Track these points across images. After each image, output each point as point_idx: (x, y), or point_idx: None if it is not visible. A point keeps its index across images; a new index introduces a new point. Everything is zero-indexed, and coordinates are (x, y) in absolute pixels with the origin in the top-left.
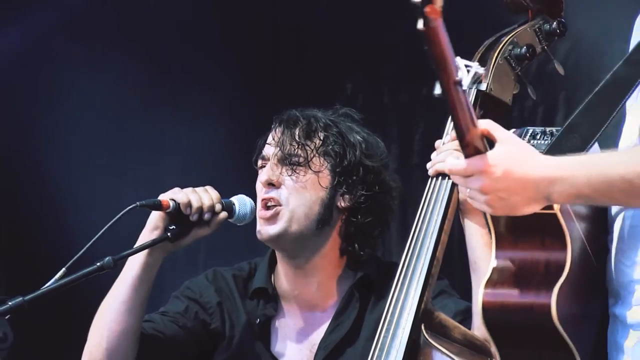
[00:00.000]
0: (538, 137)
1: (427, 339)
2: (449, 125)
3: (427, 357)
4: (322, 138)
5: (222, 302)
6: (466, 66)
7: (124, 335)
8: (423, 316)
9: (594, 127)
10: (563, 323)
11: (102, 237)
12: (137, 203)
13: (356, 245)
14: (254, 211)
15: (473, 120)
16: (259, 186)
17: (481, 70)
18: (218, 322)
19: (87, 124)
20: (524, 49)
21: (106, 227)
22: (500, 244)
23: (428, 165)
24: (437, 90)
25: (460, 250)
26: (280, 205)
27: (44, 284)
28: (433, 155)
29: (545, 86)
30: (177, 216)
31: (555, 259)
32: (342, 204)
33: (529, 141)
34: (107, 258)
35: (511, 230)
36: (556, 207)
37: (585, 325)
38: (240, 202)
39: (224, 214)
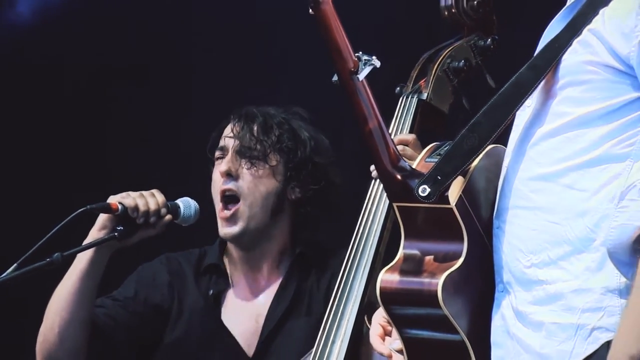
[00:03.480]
0: None
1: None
2: (393, 127)
3: (369, 345)
4: (277, 134)
5: (173, 281)
6: (366, 59)
7: (73, 323)
8: (366, 307)
9: (491, 128)
10: (449, 307)
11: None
12: (88, 206)
13: (304, 234)
14: (197, 212)
15: (375, 112)
16: (217, 176)
17: (378, 63)
18: (168, 302)
19: None
20: (461, 63)
21: (57, 227)
22: (408, 235)
23: (372, 167)
24: (335, 77)
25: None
26: (238, 198)
27: None
28: None
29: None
30: (125, 218)
31: (453, 250)
32: (293, 196)
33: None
34: (56, 254)
35: (417, 223)
36: (452, 201)
37: (480, 315)
38: (185, 204)
39: (168, 217)
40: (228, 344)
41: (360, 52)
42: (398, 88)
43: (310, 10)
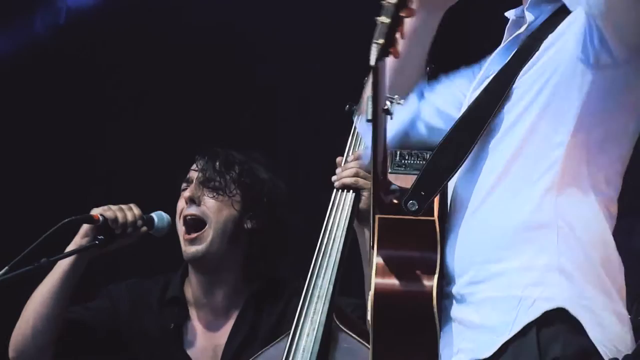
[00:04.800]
0: (407, 157)
1: (337, 324)
2: (351, 143)
3: (336, 340)
4: (237, 171)
5: (135, 310)
6: (390, 99)
7: (48, 319)
8: (335, 310)
9: (466, 144)
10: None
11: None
12: (73, 217)
13: (256, 264)
14: (170, 224)
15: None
16: (181, 203)
17: (402, 102)
18: (129, 330)
19: None
20: None
21: (44, 236)
22: (383, 244)
23: (333, 178)
24: (369, 116)
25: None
26: (201, 221)
27: None
28: (338, 171)
29: None
30: (105, 228)
31: (428, 257)
32: (249, 226)
33: (399, 162)
34: (43, 259)
35: (394, 233)
36: (435, 214)
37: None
38: (158, 217)
39: (144, 229)
40: None
41: (396, 96)
42: (348, 106)
43: (373, 63)
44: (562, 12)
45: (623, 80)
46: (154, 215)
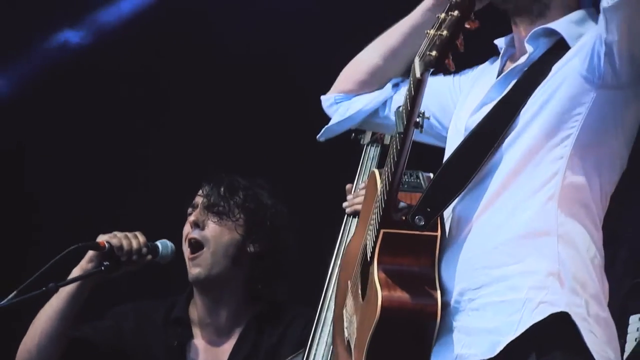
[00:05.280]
0: (403, 175)
1: None
2: (360, 170)
3: None
4: (241, 196)
5: (140, 328)
6: (420, 113)
7: (51, 336)
8: None
9: (469, 166)
10: None
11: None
12: (80, 244)
13: (259, 286)
14: (174, 252)
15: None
16: (187, 227)
17: (429, 117)
18: (133, 347)
19: None
20: None
21: (52, 261)
22: (383, 257)
23: (345, 204)
24: (400, 128)
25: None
26: (202, 245)
27: None
28: (349, 197)
29: None
30: (111, 255)
31: (425, 271)
32: (252, 249)
33: None
34: (51, 284)
35: (396, 247)
36: (439, 230)
37: None
38: (163, 245)
39: (149, 257)
40: None
41: (424, 111)
42: (353, 134)
43: (419, 75)
44: (560, 46)
45: (623, 103)
46: (158, 243)
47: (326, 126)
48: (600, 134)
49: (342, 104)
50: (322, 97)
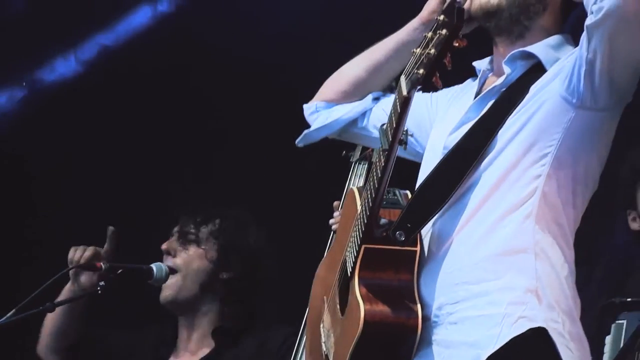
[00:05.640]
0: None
1: None
2: (347, 187)
3: None
4: (216, 224)
5: (132, 342)
6: (404, 131)
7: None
8: None
9: (451, 180)
10: None
11: None
12: (76, 265)
13: (234, 309)
14: (168, 275)
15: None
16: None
17: (413, 135)
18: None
19: None
20: None
21: (50, 281)
22: (364, 271)
23: (331, 221)
24: (385, 145)
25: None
26: (175, 271)
27: None
28: (335, 214)
29: None
30: (107, 275)
31: (405, 285)
32: (225, 276)
33: None
34: (48, 303)
35: (376, 261)
36: (418, 245)
37: None
38: (157, 268)
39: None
40: None
41: (407, 128)
42: (344, 152)
43: (405, 93)
44: (537, 69)
45: (599, 125)
46: (153, 266)
47: (305, 131)
48: (577, 153)
49: (322, 112)
50: (305, 105)
